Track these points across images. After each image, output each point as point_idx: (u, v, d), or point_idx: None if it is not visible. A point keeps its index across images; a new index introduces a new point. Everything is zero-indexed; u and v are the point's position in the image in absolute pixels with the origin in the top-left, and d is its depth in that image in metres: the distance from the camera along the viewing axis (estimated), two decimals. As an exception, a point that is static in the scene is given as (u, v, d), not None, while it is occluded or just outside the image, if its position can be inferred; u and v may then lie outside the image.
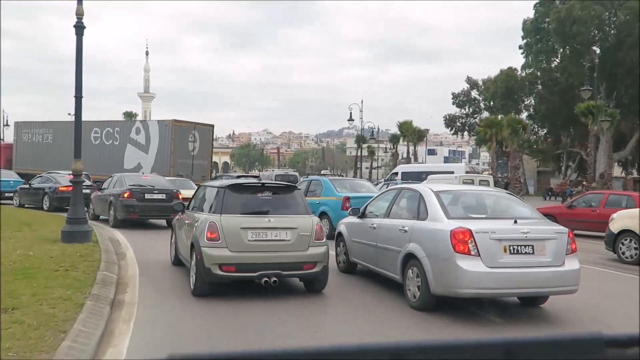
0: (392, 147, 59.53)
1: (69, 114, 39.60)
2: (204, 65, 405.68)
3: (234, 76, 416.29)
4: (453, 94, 60.60)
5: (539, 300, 6.83)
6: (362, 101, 46.70)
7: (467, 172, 25.94)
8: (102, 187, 16.70)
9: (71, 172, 11.03)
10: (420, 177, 24.82)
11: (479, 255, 5.95)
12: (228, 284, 7.01)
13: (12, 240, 10.18)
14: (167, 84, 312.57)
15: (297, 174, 39.11)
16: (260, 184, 7.65)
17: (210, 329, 5.55)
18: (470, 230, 5.99)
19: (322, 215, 13.99)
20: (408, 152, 52.95)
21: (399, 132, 54.39)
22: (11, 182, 22.67)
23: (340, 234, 9.00)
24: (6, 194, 21.99)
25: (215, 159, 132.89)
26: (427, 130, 57.21)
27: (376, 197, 8.63)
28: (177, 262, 8.82)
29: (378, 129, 48.69)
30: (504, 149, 48.60)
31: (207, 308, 6.36)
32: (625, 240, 11.20)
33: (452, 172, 25.42)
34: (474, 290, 5.98)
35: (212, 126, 29.89)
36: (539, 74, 51.38)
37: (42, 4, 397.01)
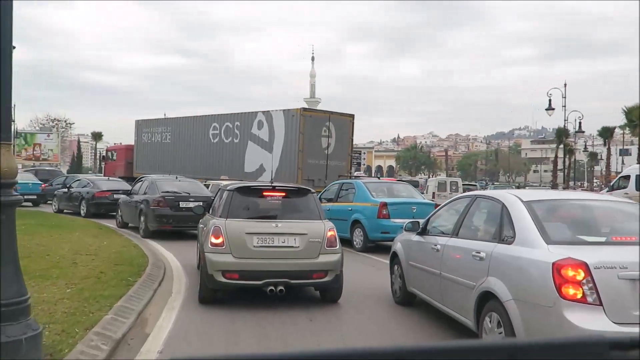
0: (603, 143, 49.60)
1: None
2: (366, 71, 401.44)
3: (395, 81, 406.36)
4: None
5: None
6: (565, 85, 35.41)
7: None
8: (131, 192, 15.24)
9: None
10: None
11: (601, 304, 3.78)
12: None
13: None
14: (330, 91, 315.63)
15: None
16: (270, 187, 7.32)
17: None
18: (585, 264, 3.83)
19: (355, 223, 12.13)
20: None
21: (605, 127, 45.82)
22: (30, 185, 22.44)
23: (395, 254, 6.96)
24: (25, 197, 21.89)
25: (379, 162, 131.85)
26: None
27: (442, 207, 6.53)
28: None
29: (580, 123, 36.87)
30: None
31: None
32: None
33: None
34: None
35: (352, 116, 22.71)
36: None
37: (219, 24, 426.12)
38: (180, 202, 13.24)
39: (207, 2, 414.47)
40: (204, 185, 17.14)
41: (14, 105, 47.90)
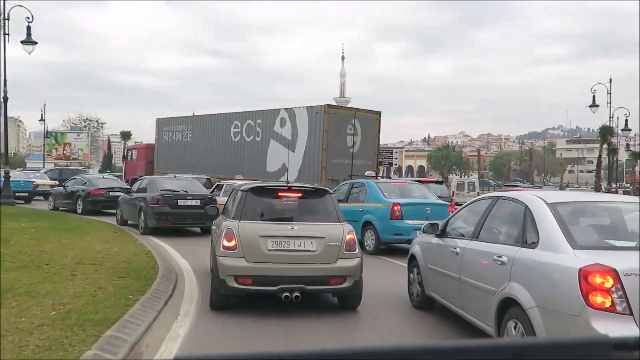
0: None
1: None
2: (396, 70, 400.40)
3: (426, 80, 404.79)
4: None
5: None
6: (610, 80, 32.02)
7: None
8: (131, 190, 15.59)
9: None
10: None
11: (631, 314, 3.53)
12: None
13: None
14: (360, 90, 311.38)
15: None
16: (286, 187, 6.89)
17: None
18: (614, 270, 3.58)
19: (367, 225, 11.69)
20: None
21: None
22: (22, 183, 23.25)
23: (413, 257, 6.74)
24: (17, 194, 22.40)
25: (409, 162, 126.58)
26: None
27: (462, 208, 6.29)
28: None
29: (626, 120, 33.72)
30: None
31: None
32: None
33: None
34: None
35: (379, 114, 21.66)
36: None
37: (249, 25, 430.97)
38: (179, 200, 13.60)
39: (237, 3, 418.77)
40: (218, 185, 17.07)
41: (44, 105, 49.26)
